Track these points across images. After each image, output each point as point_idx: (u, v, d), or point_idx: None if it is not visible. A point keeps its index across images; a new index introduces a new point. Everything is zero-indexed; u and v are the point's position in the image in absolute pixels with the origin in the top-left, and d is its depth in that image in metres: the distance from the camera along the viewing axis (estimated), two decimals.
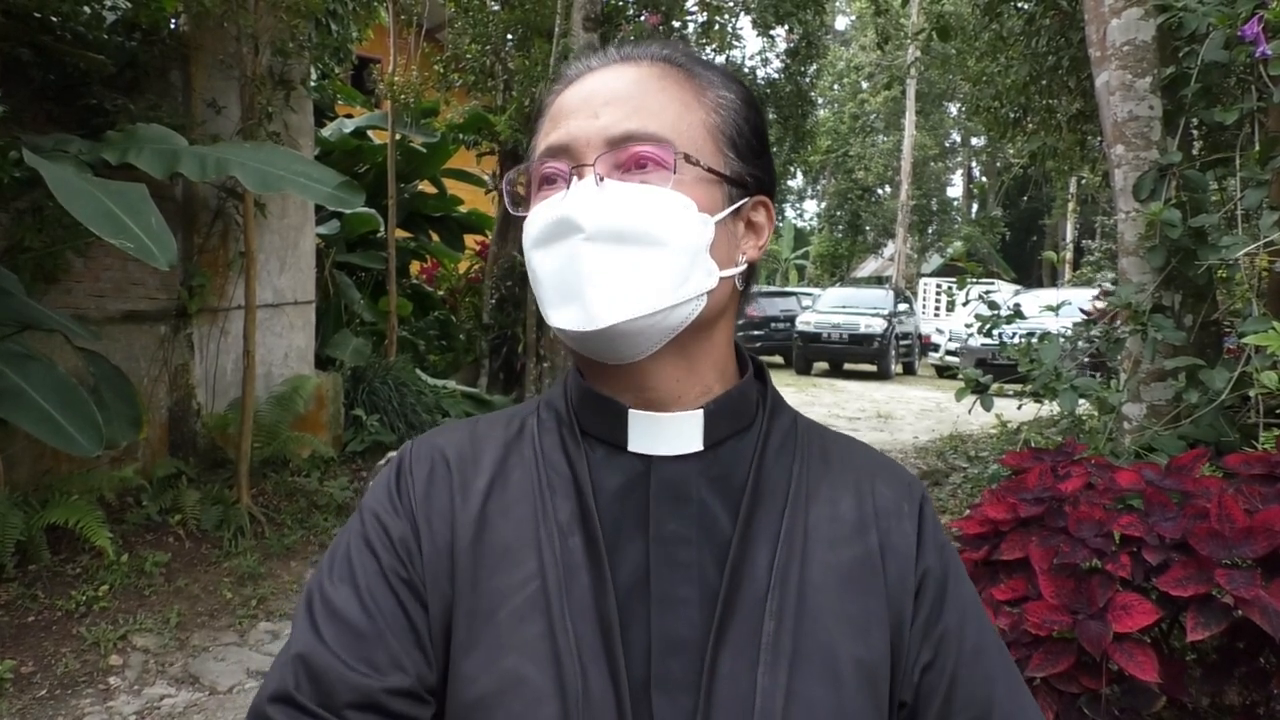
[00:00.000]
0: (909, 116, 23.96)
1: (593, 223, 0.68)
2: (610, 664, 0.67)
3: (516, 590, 0.70)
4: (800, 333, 16.36)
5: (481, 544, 0.73)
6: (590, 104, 0.72)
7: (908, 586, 0.75)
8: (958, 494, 6.00)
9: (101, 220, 3.30)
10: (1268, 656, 1.83)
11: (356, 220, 7.56)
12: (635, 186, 0.70)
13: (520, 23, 8.08)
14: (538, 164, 0.75)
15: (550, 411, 0.80)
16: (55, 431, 3.51)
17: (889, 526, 0.76)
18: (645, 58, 0.76)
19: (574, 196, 0.70)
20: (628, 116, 0.71)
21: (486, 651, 0.69)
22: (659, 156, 0.70)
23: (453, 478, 0.76)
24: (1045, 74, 6.21)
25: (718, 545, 0.72)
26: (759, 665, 0.67)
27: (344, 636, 0.70)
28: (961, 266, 3.82)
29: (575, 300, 0.69)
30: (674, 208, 0.70)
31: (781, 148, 9.95)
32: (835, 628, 0.70)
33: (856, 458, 0.82)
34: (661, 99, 0.73)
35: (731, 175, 0.74)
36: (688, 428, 0.75)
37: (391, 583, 0.72)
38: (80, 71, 4.67)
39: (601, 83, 0.74)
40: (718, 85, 0.77)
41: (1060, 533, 1.88)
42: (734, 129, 0.76)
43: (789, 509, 0.74)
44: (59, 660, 3.51)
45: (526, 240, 0.74)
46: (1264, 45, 2.57)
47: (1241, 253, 2.63)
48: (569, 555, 0.71)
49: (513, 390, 8.33)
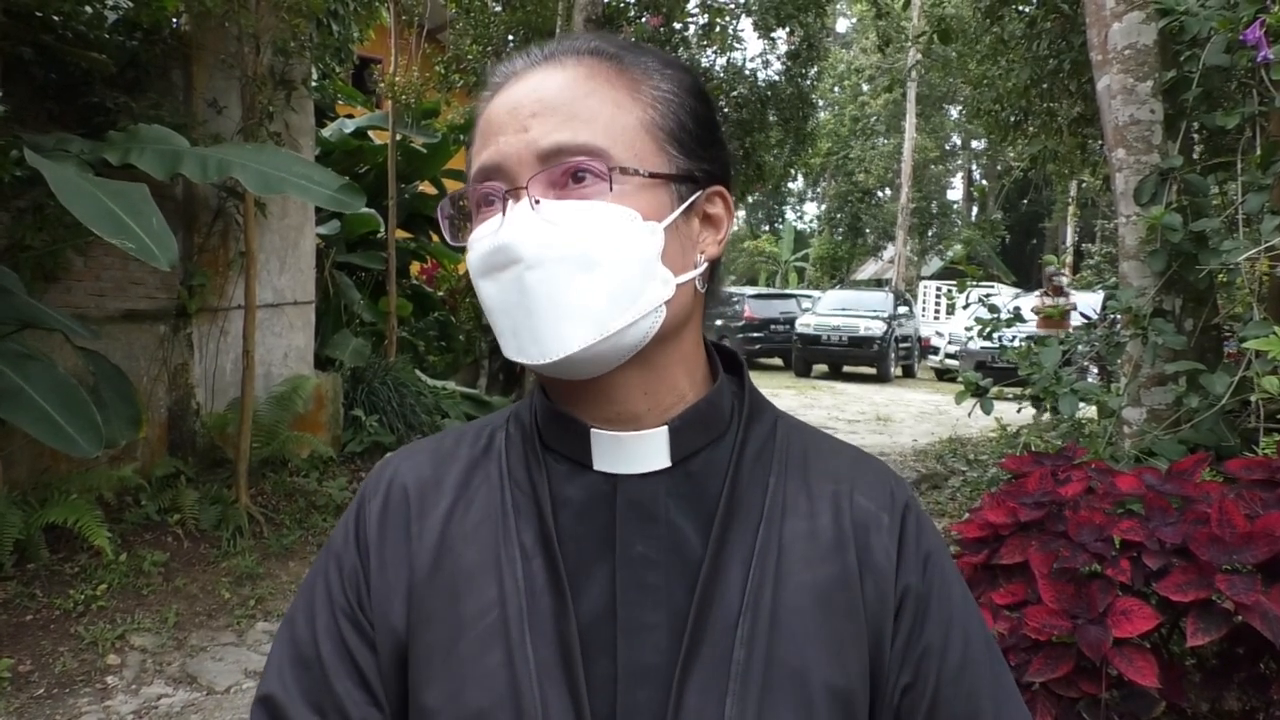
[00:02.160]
0: (909, 119, 23.99)
1: (532, 250, 0.65)
2: (573, 693, 0.65)
3: (477, 619, 0.69)
4: (800, 335, 16.37)
5: (440, 574, 0.71)
6: (517, 115, 0.68)
7: (887, 606, 0.71)
8: (957, 497, 6.00)
9: (102, 220, 3.30)
10: (1268, 662, 1.83)
11: (357, 220, 7.55)
12: (572, 205, 0.65)
13: (522, 24, 8.09)
14: (473, 186, 0.71)
15: (518, 426, 0.77)
16: (55, 432, 3.51)
17: (867, 542, 0.73)
18: (571, 54, 0.70)
19: (510, 223, 0.66)
20: (557, 127, 0.66)
21: (446, 685, 0.68)
22: (593, 168, 0.66)
23: (409, 510, 0.74)
24: (1046, 77, 6.21)
25: (687, 567, 0.69)
26: (728, 696, 0.65)
27: (300, 676, 0.73)
28: (961, 269, 3.82)
29: (525, 333, 0.67)
30: (616, 222, 0.66)
31: (782, 150, 9.95)
32: (809, 652, 0.68)
33: (837, 464, 0.77)
34: (591, 103, 0.67)
35: (677, 173, 0.70)
36: (653, 445, 0.71)
37: (339, 621, 0.73)
38: (82, 71, 4.67)
39: (528, 89, 0.69)
40: (654, 76, 0.71)
41: (1060, 537, 1.87)
42: (675, 123, 0.70)
43: (763, 525, 0.70)
44: (57, 659, 3.51)
45: (471, 269, 0.70)
46: (1265, 50, 2.57)
47: (1242, 257, 2.63)
48: (531, 580, 0.69)
49: (512, 391, 8.33)
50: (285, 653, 0.75)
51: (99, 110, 4.73)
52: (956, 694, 0.72)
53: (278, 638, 0.77)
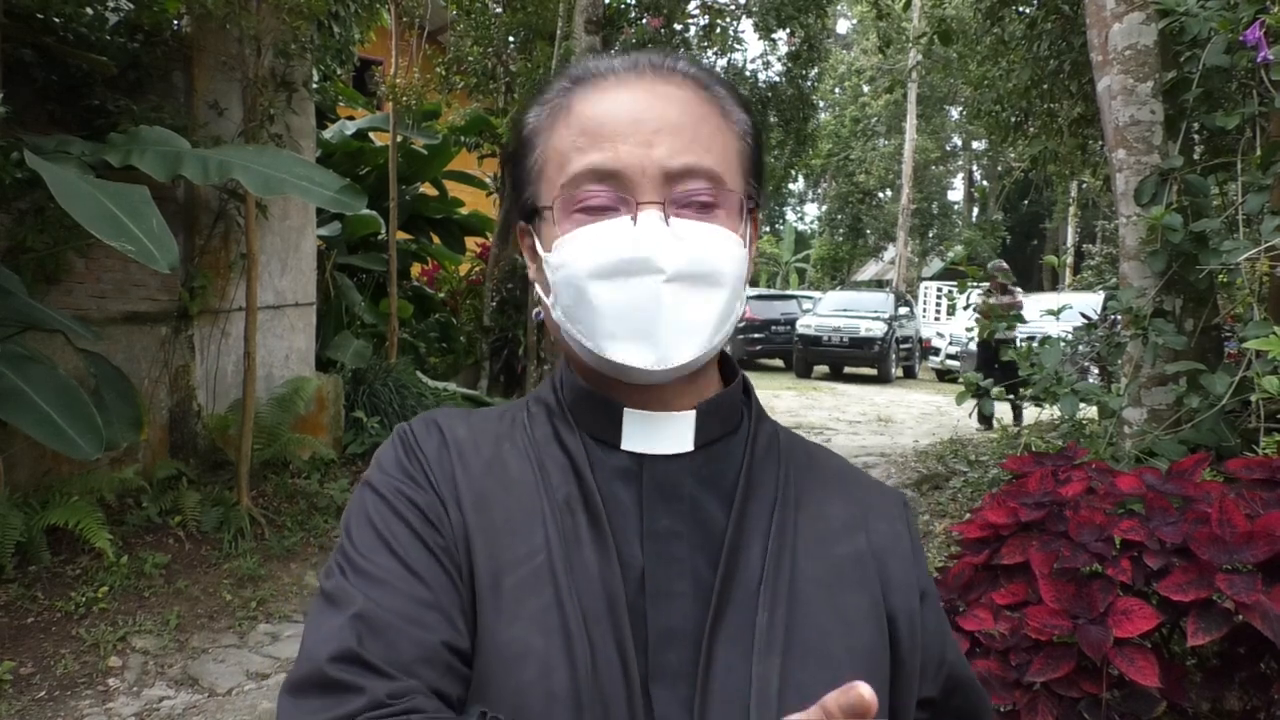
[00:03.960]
0: (910, 120, 23.98)
1: (672, 265, 0.69)
2: (617, 636, 0.68)
3: (523, 562, 0.71)
4: (801, 336, 16.37)
5: (484, 517, 0.73)
6: (641, 129, 0.71)
7: (913, 589, 0.78)
8: (958, 498, 5.99)
9: (103, 222, 3.30)
10: (1268, 662, 1.83)
11: (358, 222, 7.56)
12: (704, 227, 0.71)
13: (522, 25, 8.10)
14: (576, 183, 0.72)
15: (540, 406, 0.81)
16: (56, 434, 3.51)
17: (881, 529, 0.79)
18: (676, 74, 0.75)
19: (648, 235, 0.69)
20: (684, 149, 0.71)
21: (496, 620, 0.69)
22: (714, 196, 0.72)
23: (453, 453, 0.77)
24: (1047, 78, 6.21)
25: (710, 540, 0.73)
26: (753, 654, 0.68)
27: (396, 598, 0.68)
28: (962, 270, 3.82)
29: (646, 339, 0.70)
30: (730, 245, 0.72)
31: (783, 151, 9.96)
32: (826, 621, 0.72)
33: (838, 467, 0.85)
34: (707, 129, 0.73)
35: (748, 198, 0.76)
36: (681, 428, 0.76)
37: (431, 549, 0.71)
38: (83, 73, 4.68)
39: (648, 104, 0.72)
40: (734, 107, 0.78)
41: (1061, 537, 1.88)
42: (753, 153, 0.78)
43: (779, 508, 0.75)
44: (58, 661, 3.51)
45: (583, 267, 0.71)
46: (1265, 50, 2.57)
47: (1243, 257, 2.63)
48: (572, 531, 0.72)
49: (513, 393, 8.33)
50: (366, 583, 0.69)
51: (100, 112, 4.74)
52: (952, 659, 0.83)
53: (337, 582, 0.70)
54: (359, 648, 0.65)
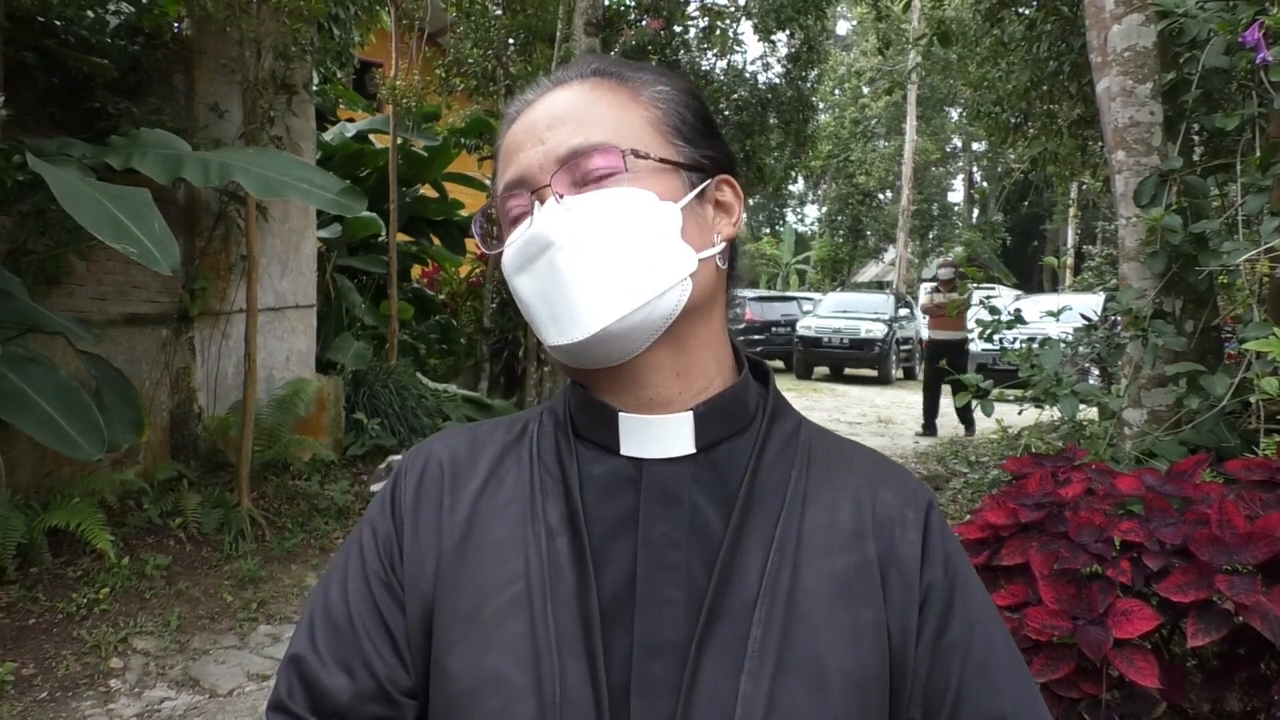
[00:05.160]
0: (910, 121, 24.00)
1: (562, 234, 0.70)
2: (590, 663, 0.67)
3: (501, 589, 0.71)
4: (801, 337, 16.36)
5: (468, 545, 0.74)
6: (534, 132, 0.75)
7: (912, 598, 0.73)
8: (958, 499, 5.99)
9: (104, 225, 3.31)
10: (1268, 663, 1.83)
11: (358, 224, 7.56)
12: (596, 194, 0.71)
13: (522, 27, 8.10)
14: (502, 204, 0.77)
15: (551, 416, 0.81)
16: (57, 435, 3.52)
17: (891, 535, 0.74)
18: (576, 77, 0.78)
19: (540, 217, 0.72)
20: (571, 134, 0.73)
21: (469, 649, 0.70)
22: (608, 163, 0.72)
23: (444, 483, 0.78)
24: (1046, 79, 6.22)
25: (708, 548, 0.71)
26: (742, 672, 0.66)
27: (329, 637, 0.75)
28: (963, 271, 3.82)
29: (563, 312, 0.71)
30: (635, 203, 0.71)
31: (783, 152, 9.95)
32: (825, 637, 0.69)
33: (862, 464, 0.80)
34: (598, 109, 0.75)
35: (685, 161, 0.76)
36: (679, 430, 0.74)
37: (371, 585, 0.76)
38: (84, 75, 4.68)
39: (542, 110, 0.76)
40: (651, 83, 0.78)
41: (1061, 538, 1.88)
42: (676, 118, 0.77)
43: (784, 515, 0.73)
44: (60, 663, 3.51)
45: (507, 271, 0.75)
46: (1265, 51, 2.57)
47: (1243, 258, 2.64)
48: (555, 555, 0.71)
49: (513, 394, 8.33)
50: (316, 615, 0.77)
51: (101, 115, 4.74)
52: (980, 690, 0.73)
53: (309, 602, 0.79)
54: (288, 699, 0.74)
